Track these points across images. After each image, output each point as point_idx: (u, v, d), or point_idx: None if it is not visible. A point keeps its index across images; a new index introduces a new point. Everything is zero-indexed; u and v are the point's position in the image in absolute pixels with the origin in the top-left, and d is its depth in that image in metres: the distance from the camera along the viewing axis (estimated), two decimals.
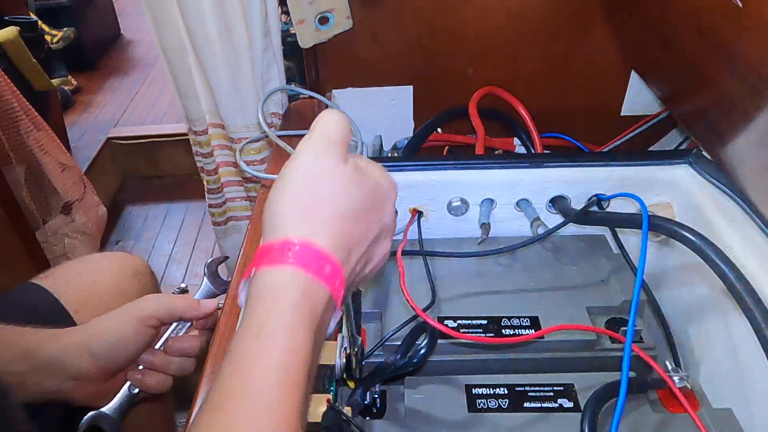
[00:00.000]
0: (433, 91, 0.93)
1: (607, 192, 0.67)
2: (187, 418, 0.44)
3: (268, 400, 0.29)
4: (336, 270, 0.34)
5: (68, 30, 2.48)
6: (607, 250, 0.67)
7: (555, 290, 0.61)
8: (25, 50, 1.62)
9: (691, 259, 0.57)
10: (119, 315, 0.55)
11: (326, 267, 0.33)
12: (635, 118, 0.92)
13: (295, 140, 0.77)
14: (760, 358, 0.44)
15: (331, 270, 0.33)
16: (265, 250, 0.33)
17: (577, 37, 0.87)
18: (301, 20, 0.82)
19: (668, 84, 0.75)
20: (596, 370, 0.54)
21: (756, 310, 0.45)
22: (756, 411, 0.50)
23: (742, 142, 0.55)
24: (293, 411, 0.30)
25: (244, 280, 0.34)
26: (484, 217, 0.69)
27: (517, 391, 0.53)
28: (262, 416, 0.29)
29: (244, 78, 0.89)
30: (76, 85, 2.49)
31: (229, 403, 0.29)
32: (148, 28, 2.98)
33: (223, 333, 0.49)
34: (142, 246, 1.68)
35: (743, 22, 0.48)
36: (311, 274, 0.32)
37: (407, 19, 0.86)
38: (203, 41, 0.85)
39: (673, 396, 0.50)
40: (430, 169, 0.68)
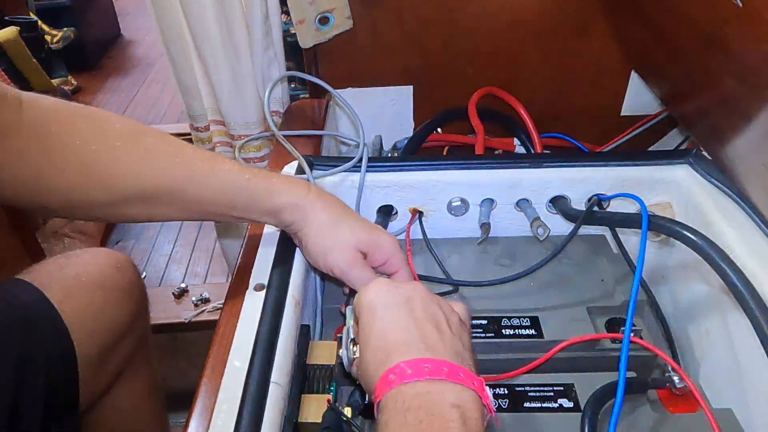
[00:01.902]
0: (433, 91, 0.93)
1: (607, 192, 0.67)
2: (187, 417, 0.44)
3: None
4: (442, 364, 0.37)
5: (68, 30, 2.48)
6: (607, 250, 0.67)
7: (555, 290, 0.61)
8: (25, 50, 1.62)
9: (691, 259, 0.57)
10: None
11: (425, 366, 0.37)
12: (635, 118, 0.92)
13: (297, 140, 0.77)
14: (761, 357, 0.44)
15: (432, 368, 0.37)
16: (383, 382, 0.38)
17: (577, 37, 0.87)
18: (301, 20, 0.82)
19: (668, 84, 0.75)
20: (596, 370, 0.54)
21: (757, 309, 0.45)
22: (756, 411, 0.50)
23: (742, 142, 0.55)
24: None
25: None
26: (484, 217, 0.69)
27: (517, 391, 0.53)
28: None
29: (245, 76, 0.89)
30: (76, 85, 2.49)
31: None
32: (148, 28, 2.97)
33: (223, 332, 0.49)
34: (142, 246, 1.68)
35: (743, 22, 0.48)
36: (412, 378, 0.36)
37: (407, 19, 0.86)
38: (204, 39, 0.85)
39: (674, 396, 0.50)
40: (430, 169, 0.68)
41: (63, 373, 0.61)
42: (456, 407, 0.35)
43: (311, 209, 0.53)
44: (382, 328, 0.41)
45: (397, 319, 0.41)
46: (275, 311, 0.49)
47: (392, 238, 0.56)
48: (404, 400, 0.35)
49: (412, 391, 0.36)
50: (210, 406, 0.43)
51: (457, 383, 0.36)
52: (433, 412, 0.34)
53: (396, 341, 0.39)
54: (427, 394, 0.35)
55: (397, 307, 0.42)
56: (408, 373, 0.36)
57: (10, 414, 0.54)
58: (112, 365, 0.70)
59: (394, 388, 0.36)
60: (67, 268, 0.66)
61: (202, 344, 0.51)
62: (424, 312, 0.41)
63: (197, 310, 1.29)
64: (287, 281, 0.53)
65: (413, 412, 0.34)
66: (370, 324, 0.41)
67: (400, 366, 0.37)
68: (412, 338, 0.39)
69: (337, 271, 0.53)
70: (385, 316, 0.41)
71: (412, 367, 0.37)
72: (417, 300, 0.42)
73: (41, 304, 0.61)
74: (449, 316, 0.43)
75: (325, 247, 0.53)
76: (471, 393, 0.36)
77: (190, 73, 0.94)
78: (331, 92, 0.77)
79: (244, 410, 0.41)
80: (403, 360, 0.37)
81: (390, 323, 0.41)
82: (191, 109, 0.99)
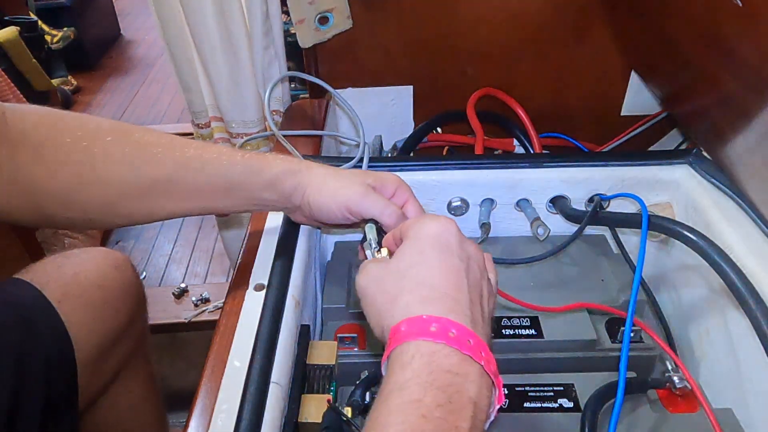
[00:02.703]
0: (433, 91, 0.93)
1: (607, 192, 0.67)
2: (188, 417, 0.44)
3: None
4: (449, 324, 0.34)
5: (68, 30, 2.48)
6: (607, 250, 0.67)
7: (555, 290, 0.61)
8: (25, 50, 1.62)
9: (691, 259, 0.57)
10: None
11: (432, 325, 0.34)
12: (635, 118, 0.92)
13: (297, 140, 0.77)
14: (761, 357, 0.44)
15: (439, 327, 0.34)
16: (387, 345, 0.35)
17: (577, 37, 0.87)
18: (300, 20, 0.82)
19: (668, 84, 0.75)
20: (596, 370, 0.54)
21: (757, 309, 0.45)
22: (756, 411, 0.50)
23: (742, 142, 0.55)
24: None
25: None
26: (484, 217, 0.69)
27: (517, 391, 0.53)
28: None
29: (244, 75, 0.89)
30: (76, 85, 2.49)
31: None
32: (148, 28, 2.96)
33: (223, 332, 0.49)
34: (142, 246, 1.68)
35: (743, 22, 0.48)
36: (416, 338, 0.34)
37: (407, 19, 0.86)
38: (203, 37, 0.85)
39: (674, 396, 0.50)
40: (430, 169, 0.68)
41: (61, 373, 0.61)
42: (472, 403, 0.33)
43: (308, 170, 0.52)
44: (436, 267, 0.37)
45: (453, 270, 0.37)
46: (275, 311, 0.49)
47: (394, 174, 0.54)
48: (434, 369, 0.33)
49: (447, 362, 0.33)
50: (210, 406, 0.43)
51: (486, 374, 0.34)
52: (453, 400, 0.32)
53: (446, 291, 0.36)
54: (455, 377, 0.33)
55: (459, 259, 0.38)
56: (451, 336, 0.33)
57: (9, 413, 0.54)
58: (111, 365, 0.70)
59: (430, 341, 0.33)
60: (66, 268, 0.66)
61: (202, 344, 0.51)
62: (475, 282, 0.38)
63: (197, 310, 1.29)
64: (287, 281, 0.53)
65: (436, 391, 0.32)
66: (424, 252, 0.38)
67: (445, 321, 0.34)
68: (461, 300, 0.36)
69: (351, 204, 0.50)
70: (443, 259, 0.38)
71: (459, 331, 0.34)
72: (474, 266, 0.39)
73: (40, 303, 0.61)
74: (490, 296, 0.40)
75: (332, 189, 0.51)
76: (490, 391, 0.34)
77: (190, 70, 0.94)
78: (331, 92, 0.77)
79: (244, 410, 0.41)
80: (451, 317, 0.34)
81: (446, 270, 0.37)
82: (192, 105, 0.99)
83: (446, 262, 0.38)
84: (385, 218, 0.49)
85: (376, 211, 0.49)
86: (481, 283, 0.39)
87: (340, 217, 0.51)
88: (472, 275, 0.38)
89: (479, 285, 0.39)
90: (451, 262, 0.38)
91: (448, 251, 0.38)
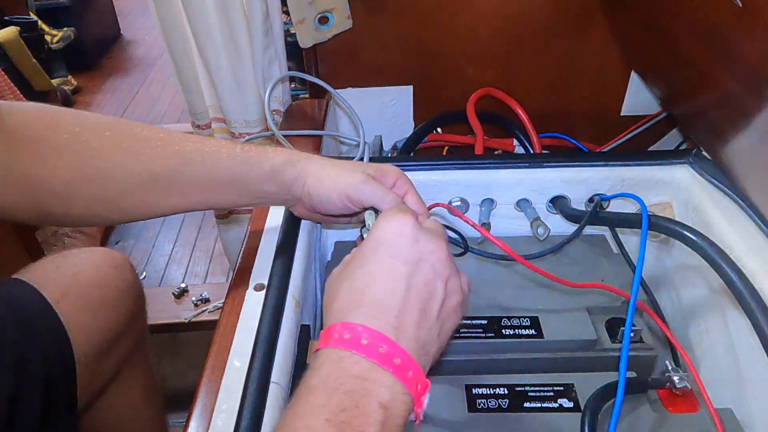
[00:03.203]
0: (433, 91, 0.93)
1: (607, 192, 0.67)
2: (188, 417, 0.44)
3: None
4: (363, 332, 0.35)
5: (68, 30, 2.48)
6: (607, 250, 0.67)
7: (555, 290, 0.61)
8: (25, 50, 1.62)
9: (691, 259, 0.57)
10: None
11: (345, 333, 0.35)
12: (635, 118, 0.92)
13: (297, 140, 0.77)
14: (761, 357, 0.44)
15: (351, 336, 0.34)
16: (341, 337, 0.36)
17: (577, 37, 0.87)
18: (301, 20, 0.82)
19: (668, 84, 0.75)
20: (596, 370, 0.54)
21: (757, 309, 0.45)
22: (756, 411, 0.50)
23: (742, 142, 0.55)
24: None
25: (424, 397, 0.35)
26: (484, 217, 0.69)
27: (517, 391, 0.52)
28: None
29: (246, 75, 0.89)
30: (76, 85, 2.49)
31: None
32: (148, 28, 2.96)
33: (223, 332, 0.49)
34: (142, 246, 1.68)
35: (743, 22, 0.48)
36: (332, 346, 0.35)
37: (407, 19, 0.86)
38: (205, 37, 0.85)
39: (674, 396, 0.50)
40: (430, 169, 0.68)
41: (61, 373, 0.61)
42: (384, 408, 0.33)
43: (308, 160, 0.52)
44: (375, 271, 0.38)
45: (391, 275, 0.37)
46: (275, 311, 0.49)
47: (394, 165, 0.53)
48: (341, 374, 0.33)
49: (353, 369, 0.33)
50: (210, 406, 0.43)
51: (399, 381, 0.34)
52: (360, 404, 0.32)
53: (374, 297, 0.37)
54: (364, 382, 0.33)
55: (403, 262, 0.38)
56: (362, 344, 0.34)
57: (8, 414, 0.54)
58: (110, 364, 0.70)
59: (341, 349, 0.34)
60: (65, 268, 0.66)
61: (202, 344, 0.51)
62: (424, 285, 0.38)
63: (197, 310, 1.29)
64: (287, 281, 0.53)
65: (341, 395, 0.32)
66: (369, 254, 0.39)
67: (359, 329, 0.35)
68: (390, 306, 0.36)
69: (352, 191, 0.49)
70: (385, 262, 0.38)
71: (370, 339, 0.34)
72: (427, 267, 0.38)
73: (38, 303, 0.61)
74: (449, 296, 0.39)
75: (332, 177, 0.50)
76: (406, 397, 0.34)
77: (191, 71, 0.94)
78: (331, 92, 0.77)
79: (244, 410, 0.41)
80: (367, 325, 0.35)
81: (383, 274, 0.37)
82: (193, 106, 0.99)
83: (386, 265, 0.38)
84: (386, 206, 0.49)
85: (377, 199, 0.49)
86: (432, 285, 0.38)
87: (341, 206, 0.51)
88: (418, 278, 0.38)
89: (428, 287, 0.38)
90: (392, 266, 0.38)
91: (393, 254, 0.38)
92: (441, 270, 0.39)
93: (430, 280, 0.38)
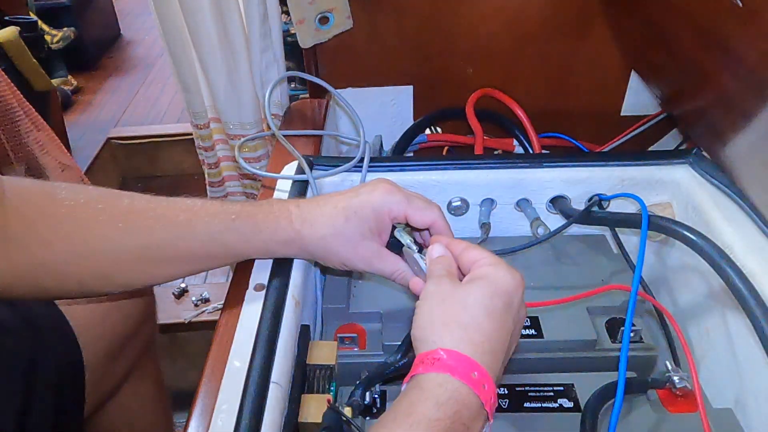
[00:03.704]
0: (433, 91, 0.93)
1: (607, 192, 0.67)
2: (188, 417, 0.44)
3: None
4: (483, 376, 0.38)
5: (68, 30, 2.47)
6: (607, 250, 0.67)
7: (555, 290, 0.61)
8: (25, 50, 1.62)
9: (691, 259, 0.57)
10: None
11: (473, 373, 0.37)
12: (635, 118, 0.92)
13: (297, 140, 0.77)
14: (761, 357, 0.44)
15: (479, 376, 0.37)
16: (421, 359, 0.39)
17: (578, 37, 0.87)
18: (301, 20, 0.82)
19: (668, 84, 0.75)
20: (596, 370, 0.54)
21: (757, 309, 0.45)
22: (756, 411, 0.50)
23: (742, 142, 0.55)
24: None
25: (405, 383, 0.39)
26: (484, 217, 0.69)
27: (517, 391, 0.53)
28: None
29: (242, 77, 0.89)
30: (76, 85, 2.49)
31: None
32: (148, 29, 2.95)
33: (223, 332, 0.49)
34: None
35: (743, 22, 0.48)
36: (459, 378, 0.37)
37: (407, 18, 0.86)
38: (201, 39, 0.85)
39: (674, 396, 0.50)
40: (430, 169, 0.68)
41: (70, 378, 0.61)
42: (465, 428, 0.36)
43: (304, 234, 0.49)
44: (497, 320, 0.41)
45: (506, 329, 0.41)
46: (275, 311, 0.49)
47: (404, 195, 0.50)
48: (456, 420, 0.36)
49: (467, 414, 0.36)
50: (210, 406, 0.43)
51: (482, 407, 0.37)
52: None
53: (493, 346, 0.40)
54: (456, 405, 0.36)
55: (512, 321, 0.42)
56: (472, 378, 0.37)
57: (20, 419, 0.54)
58: (119, 368, 0.70)
59: (469, 388, 0.37)
60: None
61: (202, 344, 0.51)
62: (513, 343, 0.42)
63: (197, 310, 1.29)
64: (287, 281, 0.53)
65: (443, 421, 0.35)
66: (491, 300, 0.41)
67: (483, 371, 0.38)
68: (498, 356, 0.40)
69: (362, 268, 0.51)
70: (503, 316, 0.41)
71: (489, 386, 0.38)
72: (519, 330, 0.43)
73: (48, 308, 0.61)
74: (513, 353, 0.44)
75: (337, 254, 0.50)
76: (484, 419, 0.38)
77: (190, 71, 0.94)
78: (332, 92, 0.77)
79: (244, 410, 0.41)
80: (487, 371, 0.38)
81: (501, 327, 0.41)
82: (192, 106, 0.99)
83: (504, 319, 0.41)
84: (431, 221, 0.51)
85: (387, 275, 0.51)
86: (512, 346, 0.43)
87: (382, 225, 0.50)
88: (513, 337, 0.42)
89: (513, 345, 0.43)
90: (507, 321, 0.41)
91: (510, 310, 0.41)
92: (520, 333, 0.44)
93: (515, 339, 0.43)
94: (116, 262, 0.48)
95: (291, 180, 0.65)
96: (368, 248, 0.50)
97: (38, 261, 0.46)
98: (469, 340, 0.39)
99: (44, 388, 0.57)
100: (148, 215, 0.48)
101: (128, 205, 0.48)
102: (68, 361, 0.61)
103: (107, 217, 0.47)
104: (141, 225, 0.48)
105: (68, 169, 1.34)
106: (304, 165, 0.66)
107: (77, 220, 0.47)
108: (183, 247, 0.49)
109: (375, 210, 0.49)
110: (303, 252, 0.51)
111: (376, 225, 0.49)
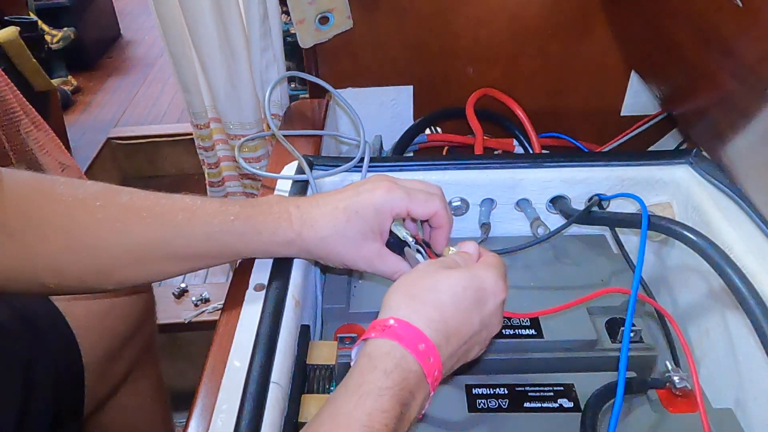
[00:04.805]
0: (433, 91, 0.93)
1: (607, 192, 0.67)
2: (187, 417, 0.44)
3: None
4: (431, 350, 0.38)
5: (68, 30, 2.47)
6: (607, 250, 0.67)
7: (555, 290, 0.61)
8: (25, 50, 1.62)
9: (691, 259, 0.57)
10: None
11: (420, 345, 0.38)
12: (635, 118, 0.92)
13: (297, 140, 0.77)
14: (761, 357, 0.44)
15: (425, 348, 0.38)
16: (373, 325, 0.40)
17: (577, 37, 0.87)
18: (301, 20, 0.82)
19: (668, 84, 0.75)
20: (596, 370, 0.54)
21: (757, 309, 0.45)
22: (756, 411, 0.50)
23: (742, 142, 0.55)
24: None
25: (356, 346, 0.41)
26: (484, 217, 0.69)
27: (517, 391, 0.53)
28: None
29: (242, 77, 0.89)
30: (76, 85, 2.49)
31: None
32: (148, 28, 2.95)
33: (223, 332, 0.49)
34: None
35: (743, 22, 0.48)
36: (405, 347, 0.37)
37: (407, 19, 0.86)
38: (201, 39, 0.85)
39: (674, 396, 0.50)
40: (430, 169, 0.68)
41: (70, 378, 0.61)
42: (409, 421, 0.37)
43: (304, 235, 0.49)
44: (462, 311, 0.41)
45: (468, 324, 0.41)
46: (275, 311, 0.49)
47: (399, 190, 0.50)
48: (405, 387, 0.37)
49: (413, 379, 0.37)
50: (210, 406, 0.43)
51: (425, 378, 0.38)
52: (403, 417, 0.36)
53: (449, 332, 0.40)
54: (413, 397, 0.37)
55: (479, 321, 0.42)
56: (419, 349, 0.38)
57: (19, 420, 0.54)
58: (119, 368, 0.70)
59: (413, 357, 0.38)
60: None
61: (202, 344, 0.51)
62: (473, 344, 0.43)
63: (197, 310, 1.29)
64: (287, 281, 0.53)
65: (399, 406, 0.36)
66: (464, 291, 0.41)
67: (432, 346, 0.38)
68: (452, 343, 0.40)
69: (363, 268, 0.51)
70: (471, 311, 0.41)
71: (435, 359, 0.39)
72: (484, 334, 0.43)
73: (47, 309, 0.61)
74: (480, 351, 0.44)
75: (338, 255, 0.50)
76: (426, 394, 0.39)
77: (190, 71, 0.94)
78: (332, 92, 0.77)
79: (244, 410, 0.41)
80: (429, 339, 0.39)
81: (464, 319, 0.41)
82: (192, 106, 0.99)
83: (470, 313, 0.41)
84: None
85: (390, 276, 0.51)
86: (474, 348, 0.43)
87: (383, 222, 0.50)
88: (475, 339, 0.42)
89: (474, 349, 0.43)
90: (472, 317, 0.41)
91: (479, 308, 0.42)
92: (486, 340, 0.44)
93: (478, 340, 0.43)
94: (114, 260, 0.48)
95: (291, 180, 0.65)
96: (370, 249, 0.49)
97: (36, 254, 0.46)
98: (426, 315, 0.39)
99: (43, 389, 0.57)
100: (146, 213, 0.48)
101: (127, 202, 0.48)
102: (67, 362, 0.60)
103: (105, 215, 0.47)
104: (139, 223, 0.47)
105: (68, 169, 1.34)
106: (304, 165, 0.66)
107: (74, 217, 0.46)
108: (181, 246, 0.48)
109: (377, 210, 0.49)
110: (303, 252, 0.51)
111: (377, 225, 0.49)
